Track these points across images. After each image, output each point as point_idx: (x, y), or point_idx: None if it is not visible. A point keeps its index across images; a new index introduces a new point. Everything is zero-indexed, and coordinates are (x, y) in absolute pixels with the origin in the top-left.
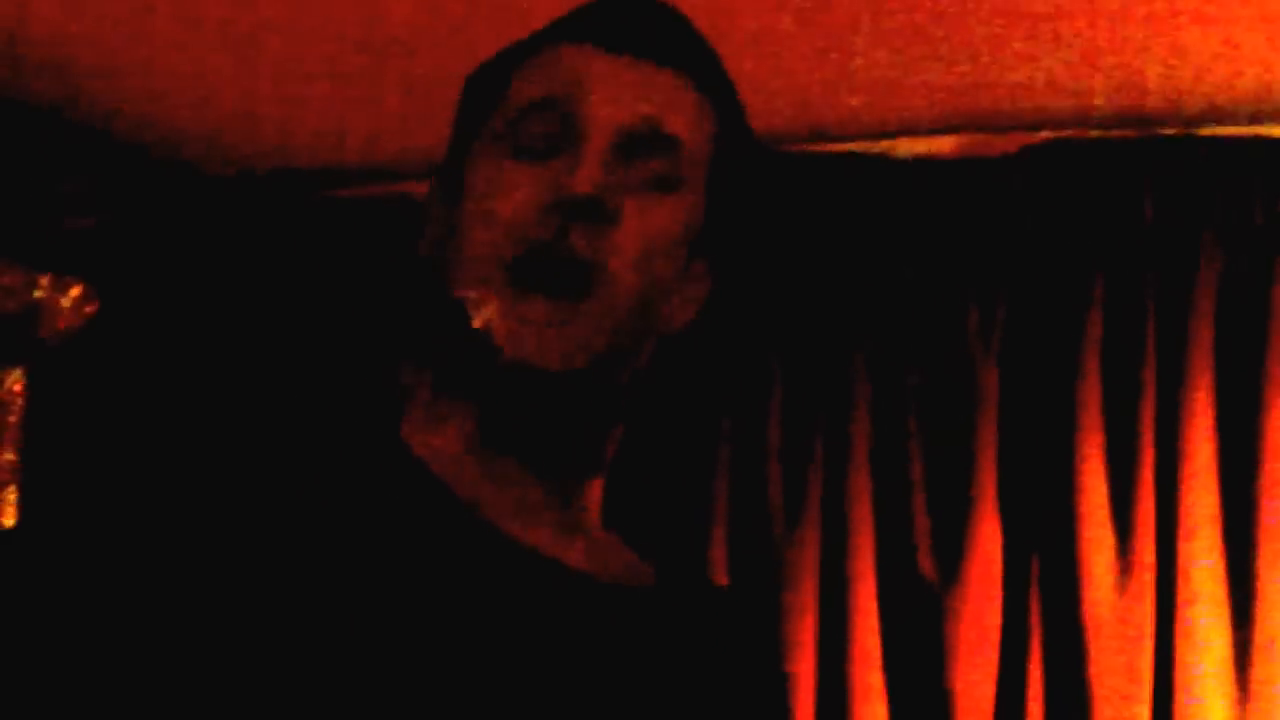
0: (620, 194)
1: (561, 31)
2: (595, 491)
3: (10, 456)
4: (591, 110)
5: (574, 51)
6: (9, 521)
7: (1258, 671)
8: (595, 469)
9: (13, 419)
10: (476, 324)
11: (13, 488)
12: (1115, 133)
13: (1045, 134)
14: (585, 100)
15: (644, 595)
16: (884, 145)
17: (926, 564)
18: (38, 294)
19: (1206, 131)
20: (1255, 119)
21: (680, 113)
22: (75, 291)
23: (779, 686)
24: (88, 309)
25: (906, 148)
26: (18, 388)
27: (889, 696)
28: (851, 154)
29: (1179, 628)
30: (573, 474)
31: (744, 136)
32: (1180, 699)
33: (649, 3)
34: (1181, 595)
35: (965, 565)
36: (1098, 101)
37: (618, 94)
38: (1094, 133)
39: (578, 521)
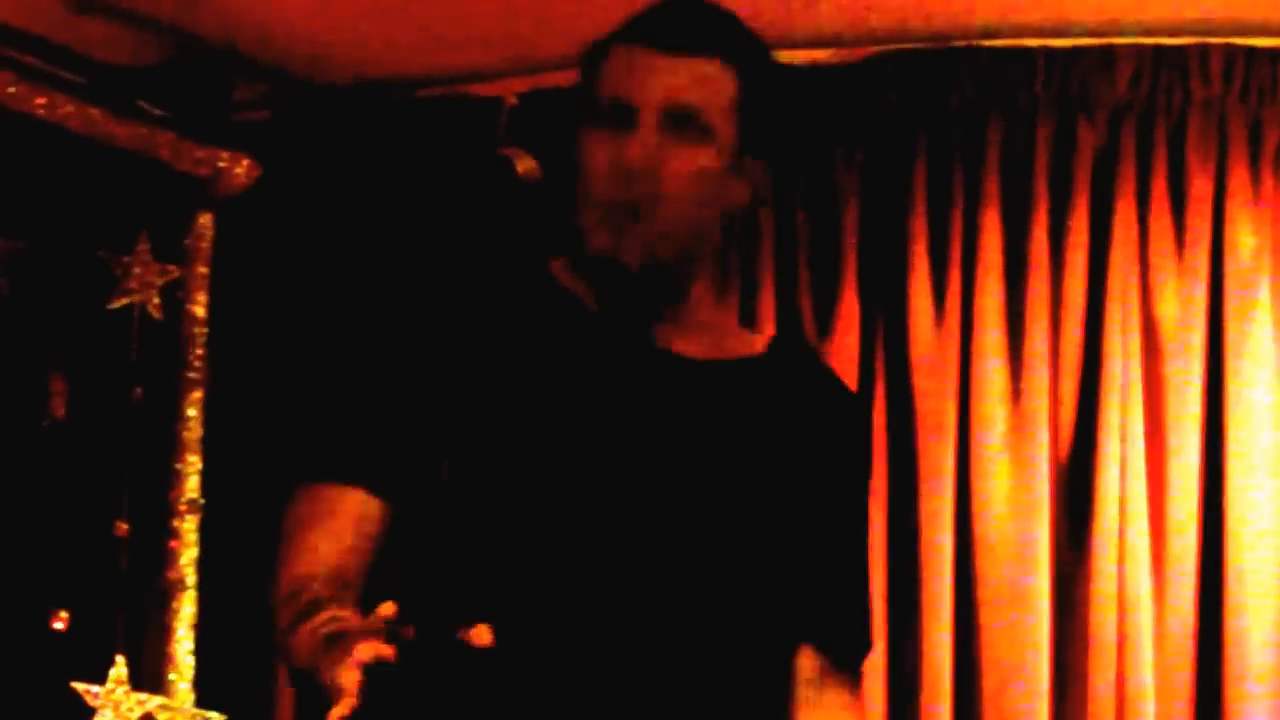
0: (663, 152)
1: (622, 36)
2: (699, 291)
3: (203, 269)
4: (638, 100)
5: (626, 52)
6: (201, 310)
7: (1025, 384)
8: (685, 291)
9: (204, 245)
10: (588, 243)
11: (204, 293)
12: (928, 45)
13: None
14: (635, 93)
15: (749, 365)
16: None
17: (808, 325)
18: (220, 164)
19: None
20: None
21: (706, 88)
22: (244, 163)
23: (861, 445)
24: (254, 175)
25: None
26: (208, 225)
27: None
28: None
29: (974, 353)
30: (672, 299)
31: (765, 78)
32: (974, 404)
33: (681, 7)
34: (975, 332)
35: (835, 322)
36: (916, 23)
37: (655, 83)
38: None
39: (689, 320)
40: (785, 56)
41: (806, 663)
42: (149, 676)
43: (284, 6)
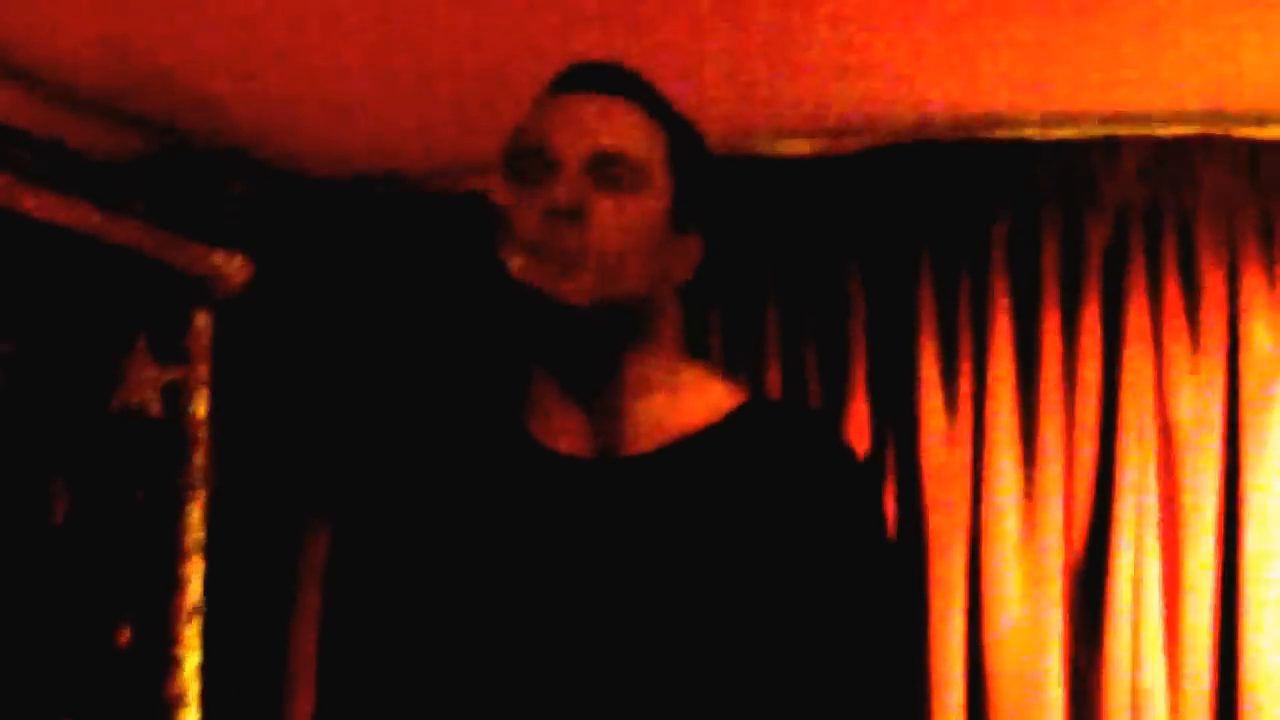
0: (588, 199)
1: (547, 90)
2: (650, 361)
3: (203, 369)
4: (560, 146)
5: (548, 101)
6: (202, 410)
7: (1038, 486)
8: (616, 369)
9: (203, 344)
10: (514, 273)
11: (204, 393)
12: (928, 137)
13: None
14: (558, 138)
15: (701, 442)
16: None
17: None
18: (215, 261)
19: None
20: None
21: (629, 133)
22: (239, 261)
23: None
24: (246, 272)
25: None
26: (206, 324)
27: None
28: (745, 155)
29: (985, 468)
30: (603, 381)
31: (691, 139)
32: (986, 507)
33: (602, 63)
34: (988, 443)
35: (844, 429)
36: (916, 114)
37: (578, 130)
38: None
39: (638, 397)
40: (784, 147)
41: None
42: None
43: (277, 101)
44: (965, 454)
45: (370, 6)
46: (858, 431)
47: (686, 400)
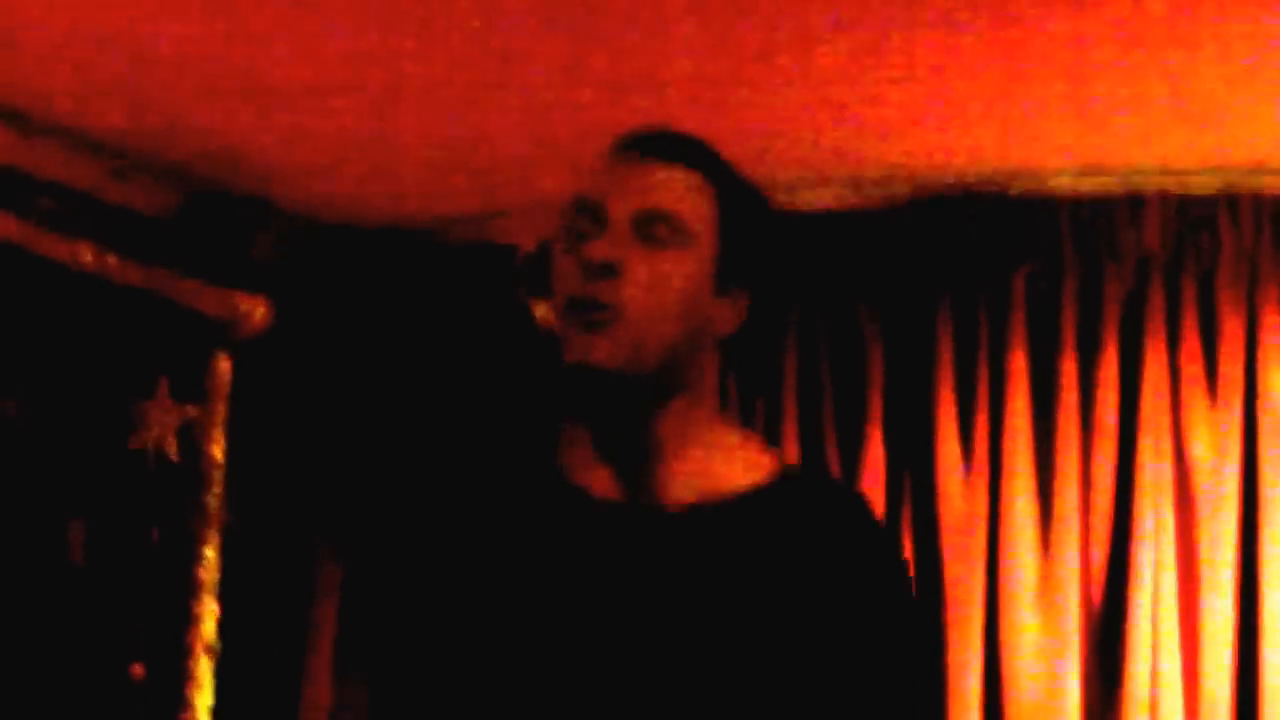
0: (629, 256)
1: (609, 152)
2: (688, 418)
3: (221, 409)
4: (609, 205)
5: (605, 166)
6: (219, 452)
7: (1055, 536)
8: (648, 427)
9: (222, 386)
10: (565, 354)
11: (221, 434)
12: (951, 190)
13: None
14: (606, 195)
15: (742, 505)
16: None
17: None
18: (239, 306)
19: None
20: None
21: (678, 193)
22: (261, 306)
23: (897, 578)
24: (268, 316)
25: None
26: (226, 367)
27: None
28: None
29: (1002, 517)
30: (633, 438)
31: (745, 201)
32: (1004, 557)
33: (658, 128)
34: (1004, 491)
35: (860, 474)
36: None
37: (627, 189)
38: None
39: (675, 455)
40: (807, 199)
41: None
42: None
43: (299, 150)
44: (982, 503)
45: (390, 59)
46: (875, 476)
47: (724, 461)
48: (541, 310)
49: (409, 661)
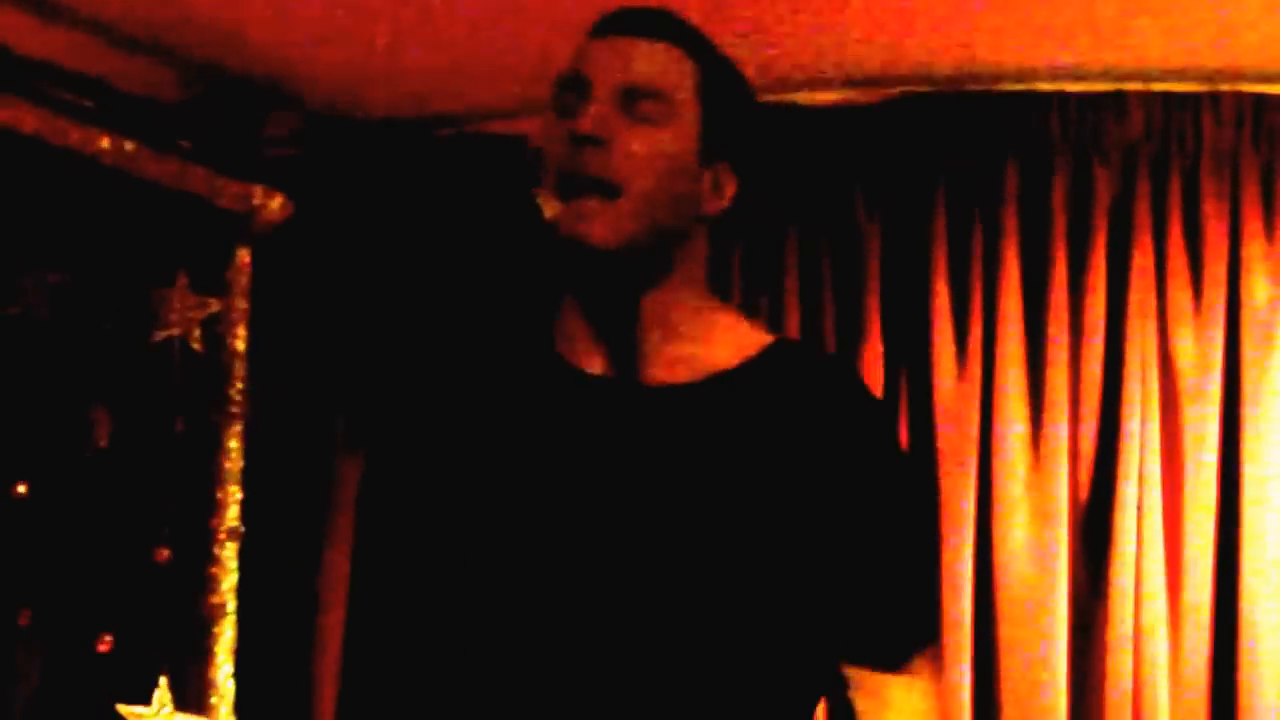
0: (616, 129)
1: (588, 34)
2: (678, 297)
3: (242, 303)
4: (594, 78)
5: (587, 43)
6: (241, 343)
7: (1045, 429)
8: (641, 307)
9: (243, 279)
10: (549, 217)
11: (243, 327)
12: (945, 89)
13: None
14: (589, 68)
15: (730, 380)
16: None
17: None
18: (255, 200)
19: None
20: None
21: (660, 66)
22: (278, 199)
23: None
24: (286, 210)
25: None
26: (246, 260)
27: None
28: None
29: (995, 404)
30: (627, 317)
31: (725, 75)
32: (995, 446)
33: (643, 6)
34: (997, 379)
35: (859, 369)
36: (932, 67)
37: (611, 64)
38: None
39: (665, 333)
40: (805, 97)
41: (858, 675)
42: (191, 700)
43: (315, 43)
44: (975, 389)
45: None
46: (872, 367)
47: (714, 339)
48: (552, 207)
49: (393, 529)
